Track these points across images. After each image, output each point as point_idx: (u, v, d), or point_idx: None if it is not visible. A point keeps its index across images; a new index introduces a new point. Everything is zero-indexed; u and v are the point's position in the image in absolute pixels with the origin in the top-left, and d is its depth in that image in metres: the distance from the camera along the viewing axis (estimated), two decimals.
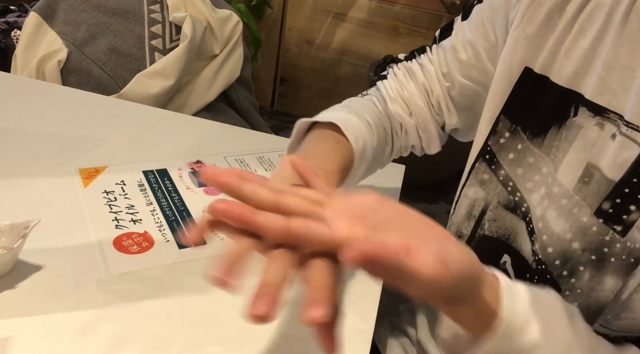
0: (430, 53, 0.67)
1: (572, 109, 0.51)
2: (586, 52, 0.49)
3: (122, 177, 0.70)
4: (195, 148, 0.79)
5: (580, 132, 0.49)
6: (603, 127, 0.48)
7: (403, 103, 0.66)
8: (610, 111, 0.48)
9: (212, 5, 1.16)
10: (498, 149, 0.57)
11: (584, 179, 0.49)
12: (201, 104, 1.12)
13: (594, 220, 0.48)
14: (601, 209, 0.48)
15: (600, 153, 0.48)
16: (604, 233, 0.47)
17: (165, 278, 0.57)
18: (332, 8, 2.19)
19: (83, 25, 1.09)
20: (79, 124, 0.81)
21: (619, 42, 0.47)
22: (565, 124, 0.51)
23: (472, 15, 0.62)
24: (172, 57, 1.05)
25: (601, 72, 0.48)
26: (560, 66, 0.51)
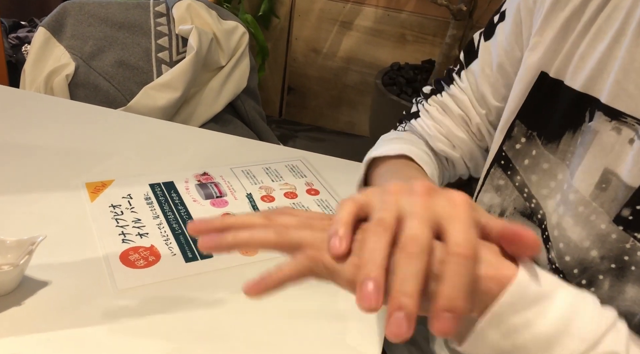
0: (459, 80, 0.65)
1: (587, 113, 0.50)
2: (602, 56, 0.48)
3: (128, 190, 0.70)
4: (201, 160, 0.79)
5: (597, 137, 0.48)
6: (620, 131, 0.47)
7: (444, 139, 0.65)
8: (628, 115, 0.46)
9: (218, 17, 1.17)
10: (514, 155, 0.56)
11: (601, 186, 0.48)
12: (208, 115, 1.12)
13: (613, 227, 0.47)
14: (620, 216, 0.46)
15: (618, 159, 0.47)
16: (624, 241, 0.46)
17: (172, 292, 0.56)
18: (339, 17, 2.20)
19: (90, 39, 1.10)
20: (86, 138, 0.81)
21: (636, 45, 0.46)
22: (580, 129, 0.50)
23: (495, 34, 0.61)
24: (179, 69, 1.05)
25: (617, 75, 0.47)
26: (575, 70, 0.51)
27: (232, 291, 0.57)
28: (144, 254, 0.60)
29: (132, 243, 0.62)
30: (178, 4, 1.14)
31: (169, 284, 0.57)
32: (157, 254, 0.61)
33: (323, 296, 0.58)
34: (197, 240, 0.63)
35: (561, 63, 0.52)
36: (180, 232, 0.64)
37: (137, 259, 0.59)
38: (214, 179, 0.75)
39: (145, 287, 0.56)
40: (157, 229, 0.64)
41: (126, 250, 0.60)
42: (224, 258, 0.61)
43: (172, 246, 0.62)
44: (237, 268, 0.60)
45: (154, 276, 0.58)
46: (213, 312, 0.55)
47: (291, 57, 2.34)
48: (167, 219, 0.66)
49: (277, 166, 0.80)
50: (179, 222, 0.66)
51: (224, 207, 0.69)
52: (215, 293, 0.57)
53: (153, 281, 0.57)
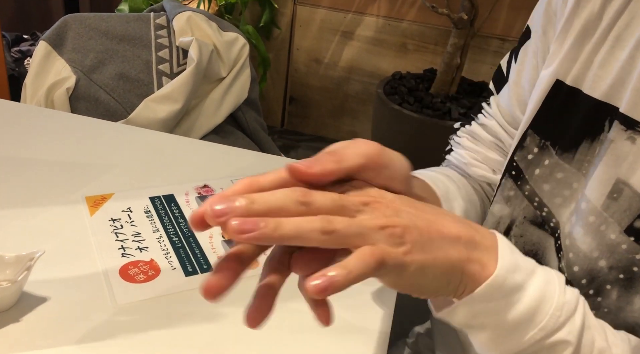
0: (487, 108, 0.65)
1: (606, 122, 0.48)
2: (624, 64, 0.47)
3: (128, 204, 0.70)
4: (202, 172, 0.78)
5: (611, 146, 0.47)
6: (635, 141, 0.46)
7: (481, 164, 0.65)
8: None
9: (218, 28, 1.17)
10: (525, 165, 0.55)
11: (612, 196, 0.47)
12: (209, 126, 1.12)
13: (624, 238, 0.46)
14: (633, 227, 0.46)
15: (631, 169, 0.46)
16: (634, 252, 0.45)
17: (171, 306, 0.56)
18: (340, 27, 2.20)
19: (91, 52, 1.10)
20: (86, 151, 0.81)
21: None
22: (598, 138, 0.49)
23: (522, 53, 0.60)
24: (179, 81, 1.05)
25: (636, 84, 0.46)
26: (595, 78, 0.49)
27: (233, 305, 0.56)
28: (144, 269, 0.60)
29: (131, 257, 0.61)
30: (178, 16, 1.14)
31: (169, 298, 0.57)
32: (157, 268, 0.60)
33: None
34: (197, 254, 0.63)
35: (579, 71, 0.50)
36: (180, 246, 0.63)
37: (136, 274, 0.59)
38: (214, 191, 0.74)
39: (145, 302, 0.56)
40: (157, 242, 0.64)
41: (126, 264, 0.60)
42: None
43: (172, 260, 0.61)
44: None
45: (153, 290, 0.57)
46: (214, 326, 0.54)
47: (293, 68, 2.35)
48: (167, 232, 0.65)
49: None
50: (179, 235, 0.65)
51: None
52: (216, 307, 0.56)
53: (153, 296, 0.56)
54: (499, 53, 1.99)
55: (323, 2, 2.18)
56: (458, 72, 1.89)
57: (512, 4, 1.96)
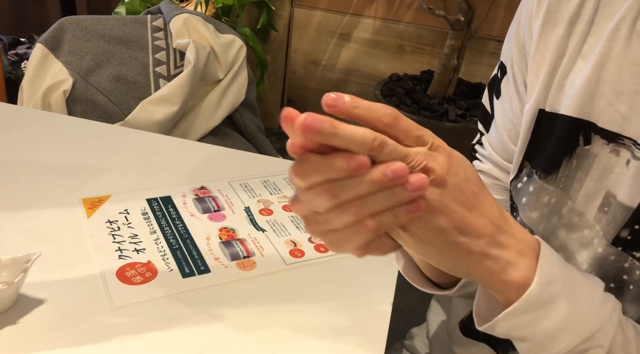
0: (481, 150, 0.65)
1: (580, 137, 0.49)
2: (589, 79, 0.48)
3: (125, 206, 0.70)
4: (199, 174, 0.79)
5: (596, 160, 0.48)
6: (619, 153, 0.47)
7: None
8: (624, 136, 0.46)
9: (215, 30, 1.17)
10: (516, 194, 0.56)
11: (603, 208, 0.48)
12: (206, 128, 1.12)
13: (612, 249, 0.47)
14: (619, 237, 0.46)
15: (618, 181, 0.47)
16: (623, 260, 0.46)
17: (169, 308, 0.56)
18: (337, 29, 2.21)
19: (88, 54, 1.10)
20: (83, 153, 0.81)
21: (624, 66, 0.46)
22: (575, 152, 0.50)
23: (502, 89, 0.60)
24: (176, 83, 1.05)
25: (609, 97, 0.47)
26: (567, 98, 0.50)
27: (230, 306, 0.57)
28: (141, 270, 0.60)
29: (128, 259, 0.61)
30: (175, 18, 1.14)
31: (166, 300, 0.57)
32: (154, 270, 0.60)
33: (323, 310, 0.58)
34: (194, 255, 0.63)
35: (554, 96, 0.51)
36: (177, 248, 0.63)
37: (133, 275, 0.59)
38: (211, 193, 0.74)
39: (142, 303, 0.56)
40: (154, 244, 0.64)
41: (123, 266, 0.60)
42: (222, 273, 0.61)
43: (169, 262, 0.61)
44: (235, 283, 0.60)
45: (150, 292, 0.57)
46: (211, 328, 0.54)
47: (290, 70, 2.35)
48: (164, 234, 0.65)
49: (276, 179, 0.79)
50: (176, 237, 0.65)
51: (221, 221, 0.69)
52: (213, 309, 0.56)
53: (150, 298, 0.56)
54: (496, 54, 2.00)
55: (320, 4, 2.19)
56: (455, 73, 1.90)
57: (508, 5, 1.97)
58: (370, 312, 0.58)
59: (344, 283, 0.62)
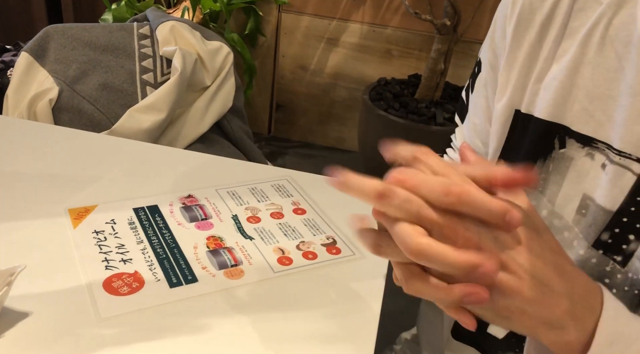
0: (455, 141, 0.67)
1: (555, 140, 0.50)
2: (565, 84, 0.49)
3: (112, 216, 0.69)
4: (186, 182, 0.78)
5: (572, 163, 0.49)
6: (593, 157, 0.47)
7: None
8: (598, 140, 0.47)
9: (202, 37, 1.17)
10: None
11: (581, 211, 0.48)
12: (194, 135, 1.11)
13: (593, 252, 0.47)
14: (600, 240, 0.47)
15: (594, 184, 0.47)
16: (604, 264, 0.46)
17: (156, 319, 0.55)
18: (325, 34, 2.21)
19: (74, 63, 1.09)
20: (69, 163, 0.80)
21: (597, 72, 0.47)
22: (550, 156, 0.51)
23: (476, 86, 0.62)
24: (163, 90, 1.05)
25: (583, 102, 0.48)
26: (542, 101, 0.51)
27: (218, 316, 0.57)
28: (128, 281, 0.59)
29: (115, 270, 0.61)
30: (161, 25, 1.14)
31: (153, 310, 0.56)
32: (141, 280, 0.60)
33: (311, 318, 0.58)
34: (181, 265, 0.63)
35: (529, 98, 0.52)
36: (165, 257, 0.63)
37: (120, 286, 0.58)
38: (199, 201, 0.74)
39: (129, 314, 0.55)
40: (141, 254, 0.63)
41: (109, 277, 0.59)
42: (209, 282, 0.60)
43: (157, 272, 0.61)
44: (223, 292, 0.60)
45: (138, 303, 0.57)
46: (199, 338, 0.54)
47: (279, 75, 2.35)
48: (151, 243, 0.65)
49: (263, 186, 0.79)
50: (163, 246, 0.65)
51: (209, 230, 0.68)
52: (201, 319, 0.56)
53: (137, 308, 0.56)
54: None
55: (308, 9, 2.19)
56: (442, 77, 1.91)
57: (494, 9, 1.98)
58: (359, 318, 0.58)
59: (332, 289, 0.62)
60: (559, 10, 0.49)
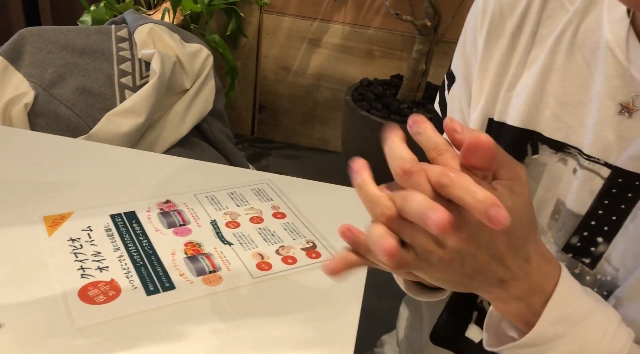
0: None
1: (528, 146, 0.50)
2: (534, 90, 0.49)
3: (88, 222, 0.68)
4: (164, 187, 0.78)
5: (545, 169, 0.49)
6: (566, 162, 0.48)
7: None
8: (570, 145, 0.48)
9: (181, 40, 1.16)
10: None
11: (554, 216, 0.49)
12: (174, 139, 1.10)
13: (562, 256, 0.48)
14: (569, 244, 0.47)
15: (566, 189, 0.48)
16: (573, 267, 0.47)
17: (133, 327, 0.55)
18: (307, 34, 2.21)
19: (50, 66, 1.08)
20: (44, 169, 0.79)
21: (567, 78, 0.48)
22: (524, 162, 0.51)
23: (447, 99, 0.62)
24: (142, 94, 1.04)
25: (554, 108, 0.48)
26: (514, 109, 0.51)
27: (196, 323, 0.56)
28: (104, 289, 0.59)
29: (91, 278, 0.60)
30: (140, 28, 1.13)
31: (130, 319, 0.56)
32: (118, 289, 0.59)
33: (290, 323, 0.57)
34: (158, 272, 0.62)
35: (501, 106, 0.52)
36: (142, 264, 0.62)
37: (96, 295, 0.58)
38: (177, 206, 0.73)
39: (104, 323, 0.55)
40: (117, 261, 0.63)
41: (85, 285, 0.59)
42: (187, 289, 0.60)
43: (133, 279, 0.60)
44: (200, 299, 0.59)
45: (114, 311, 0.56)
46: (176, 346, 0.53)
47: (261, 76, 2.34)
48: (128, 250, 0.64)
49: (243, 190, 0.79)
50: (140, 253, 0.64)
51: (187, 236, 0.68)
52: (178, 326, 0.55)
53: (113, 317, 0.55)
54: None
55: (289, 10, 2.19)
56: (424, 78, 1.92)
57: None
58: (338, 322, 0.58)
59: (311, 294, 0.62)
60: (529, 19, 0.49)
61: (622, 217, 0.44)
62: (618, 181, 0.44)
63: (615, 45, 0.44)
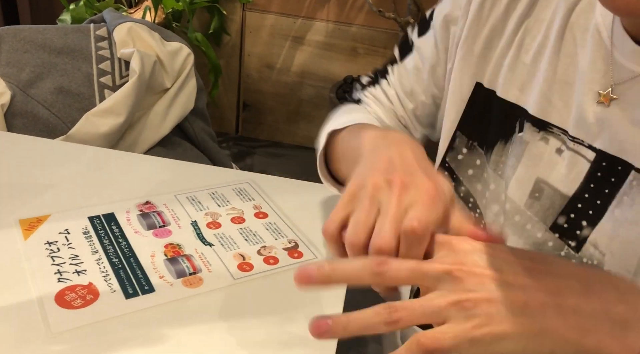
0: (391, 75, 0.67)
1: (517, 124, 0.51)
2: (529, 68, 0.50)
3: (66, 225, 0.67)
4: (144, 188, 0.76)
5: (527, 147, 0.49)
6: (548, 141, 0.48)
7: (378, 123, 0.67)
8: (554, 125, 0.48)
9: (161, 38, 1.14)
10: (457, 166, 0.56)
11: (534, 195, 0.49)
12: (155, 139, 1.09)
13: (550, 235, 0.48)
14: (557, 223, 0.47)
15: (548, 168, 0.48)
16: (560, 248, 0.47)
17: (111, 332, 0.54)
18: (290, 32, 2.20)
19: (27, 66, 1.06)
20: (21, 171, 0.77)
21: (557, 57, 0.48)
22: (511, 139, 0.51)
23: (428, 33, 0.62)
24: (121, 93, 1.02)
25: (542, 87, 0.48)
26: (505, 81, 0.51)
27: (175, 326, 0.55)
28: (81, 293, 0.58)
29: (68, 282, 0.59)
30: (119, 27, 1.11)
31: (108, 323, 0.55)
32: (96, 292, 0.58)
33: (272, 324, 0.57)
34: (137, 275, 0.61)
35: (492, 73, 0.53)
36: (121, 267, 0.62)
37: (73, 299, 0.57)
38: (157, 207, 0.72)
39: (82, 328, 0.54)
40: (95, 265, 0.61)
41: (62, 290, 0.58)
42: (167, 292, 0.59)
43: (112, 282, 0.59)
44: (180, 302, 0.58)
45: (91, 316, 0.55)
46: (156, 350, 0.52)
47: (245, 74, 2.33)
48: (107, 253, 0.63)
49: (224, 190, 0.78)
50: (119, 256, 0.63)
51: (167, 237, 0.67)
52: (158, 330, 0.55)
53: (91, 322, 0.54)
54: None
55: (272, 8, 2.17)
56: None
57: None
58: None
59: (293, 294, 0.61)
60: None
61: (606, 202, 0.44)
62: (602, 164, 0.44)
63: (604, 28, 0.44)
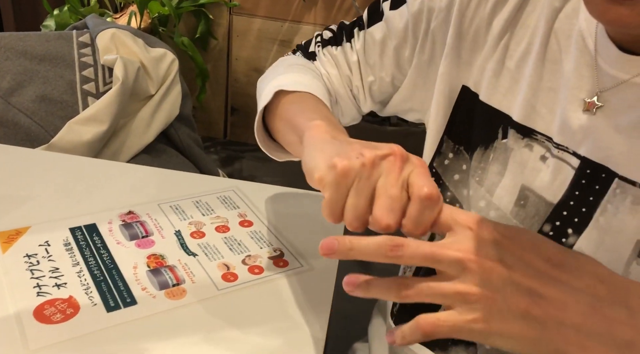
0: (357, 40, 0.64)
1: (499, 130, 0.50)
2: (513, 73, 0.49)
3: (46, 237, 0.66)
4: (127, 198, 0.75)
5: (512, 154, 0.49)
6: (532, 148, 0.48)
7: (329, 86, 0.66)
8: (539, 132, 0.47)
9: (145, 44, 1.13)
10: (443, 171, 0.56)
11: (520, 202, 0.48)
12: (139, 146, 1.08)
13: None
14: (542, 231, 0.47)
15: (532, 175, 0.48)
16: None
17: (91, 346, 0.53)
18: (277, 36, 2.19)
19: (8, 74, 1.04)
20: (0, 182, 0.76)
21: (542, 64, 0.47)
22: (492, 145, 0.51)
23: (401, 9, 0.59)
24: (104, 101, 1.01)
25: (527, 94, 0.48)
26: (490, 86, 0.51)
27: (158, 339, 0.54)
28: (61, 307, 0.56)
29: (48, 296, 0.57)
30: (102, 33, 1.10)
31: (88, 338, 0.54)
32: (76, 306, 0.57)
33: (257, 335, 0.56)
34: (119, 287, 0.60)
35: (476, 76, 0.52)
36: (102, 279, 0.60)
37: (53, 313, 0.55)
38: (139, 217, 0.71)
39: (61, 344, 0.52)
40: (76, 277, 0.60)
41: (41, 304, 0.56)
42: (149, 304, 0.58)
43: (93, 295, 0.58)
44: (163, 314, 0.57)
45: (71, 330, 0.54)
46: None
47: (232, 78, 2.32)
48: (88, 265, 0.62)
49: (208, 199, 0.77)
50: (101, 268, 0.62)
51: (149, 248, 0.66)
52: (140, 343, 0.54)
53: (70, 337, 0.53)
54: None
55: (259, 12, 2.17)
56: None
57: None
58: (306, 331, 0.57)
59: (278, 304, 0.60)
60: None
61: (591, 210, 0.44)
62: (586, 171, 0.44)
63: (588, 34, 0.44)
